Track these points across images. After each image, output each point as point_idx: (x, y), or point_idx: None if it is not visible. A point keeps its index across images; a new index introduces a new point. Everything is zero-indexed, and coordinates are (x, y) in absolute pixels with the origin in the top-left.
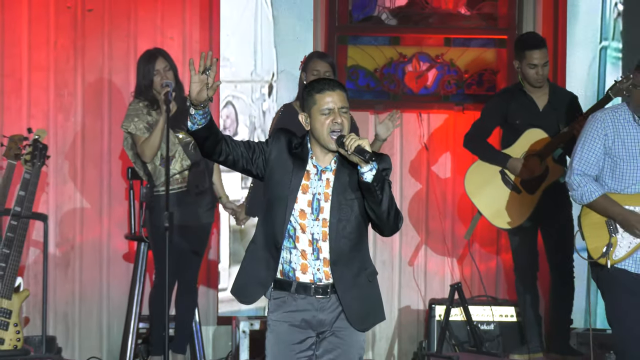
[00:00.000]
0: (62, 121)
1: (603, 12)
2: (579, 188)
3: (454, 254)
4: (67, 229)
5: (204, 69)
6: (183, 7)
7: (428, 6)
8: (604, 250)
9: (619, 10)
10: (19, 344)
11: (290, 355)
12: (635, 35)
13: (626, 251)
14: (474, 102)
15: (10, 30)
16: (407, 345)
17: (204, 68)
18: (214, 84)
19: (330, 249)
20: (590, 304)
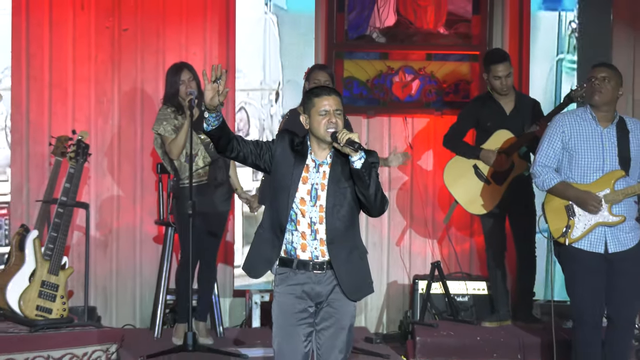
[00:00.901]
0: (102, 124)
1: (559, 29)
2: (540, 176)
3: (434, 236)
4: (106, 216)
5: (214, 79)
6: (204, 27)
7: (412, 26)
8: (564, 231)
9: (573, 27)
10: (65, 314)
11: (293, 322)
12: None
13: (581, 232)
14: (451, 108)
15: (57, 47)
16: (395, 314)
17: (214, 77)
18: (223, 90)
19: (326, 230)
20: (551, 278)
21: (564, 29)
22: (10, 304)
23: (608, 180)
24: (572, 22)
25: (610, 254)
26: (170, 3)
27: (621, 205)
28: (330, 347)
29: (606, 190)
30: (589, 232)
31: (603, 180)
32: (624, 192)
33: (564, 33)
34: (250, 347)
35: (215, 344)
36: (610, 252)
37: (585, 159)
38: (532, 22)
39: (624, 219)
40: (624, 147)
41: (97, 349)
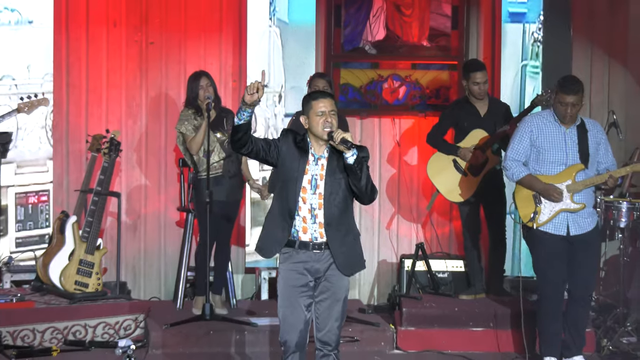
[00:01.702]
0: (131, 124)
1: (523, 39)
2: (511, 169)
3: (418, 221)
4: (135, 203)
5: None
6: (220, 41)
7: (399, 40)
8: (531, 216)
9: (535, 37)
10: (99, 288)
11: (295, 294)
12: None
13: (547, 217)
14: (433, 110)
15: (93, 58)
16: (384, 288)
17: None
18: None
19: (324, 215)
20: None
21: (527, 38)
22: (53, 279)
23: (570, 172)
24: (535, 32)
25: (571, 236)
26: (191, 20)
27: (581, 194)
28: (327, 316)
29: (568, 181)
30: (553, 218)
31: (566, 173)
32: (583, 183)
33: (527, 42)
34: (259, 317)
35: (229, 314)
36: (571, 234)
37: (551, 155)
38: (503, 32)
39: (584, 206)
40: (583, 145)
41: (127, 318)
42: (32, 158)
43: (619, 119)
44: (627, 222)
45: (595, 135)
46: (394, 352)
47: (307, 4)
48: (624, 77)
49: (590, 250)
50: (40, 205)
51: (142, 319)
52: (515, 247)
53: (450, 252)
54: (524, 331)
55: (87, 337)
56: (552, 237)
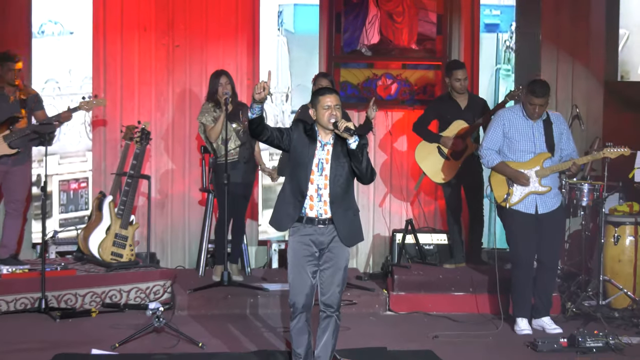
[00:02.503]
0: (160, 116)
1: (497, 46)
2: (485, 157)
3: (408, 200)
4: (163, 185)
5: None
6: (236, 45)
7: (391, 43)
8: (505, 197)
9: (507, 45)
10: (132, 258)
11: (302, 263)
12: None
13: (518, 198)
14: (420, 104)
15: (126, 59)
16: (378, 258)
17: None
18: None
19: (329, 194)
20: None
21: (500, 46)
22: (92, 250)
23: (538, 160)
24: (507, 41)
25: (539, 214)
26: (211, 26)
27: (548, 179)
28: (330, 282)
29: (537, 167)
30: (524, 199)
31: (534, 160)
32: (550, 169)
33: (500, 49)
34: (270, 283)
35: (245, 280)
36: (539, 213)
37: (521, 145)
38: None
39: (550, 189)
40: (549, 136)
41: (157, 284)
42: (73, 150)
43: (581, 113)
44: (588, 201)
45: (558, 126)
46: (386, 314)
47: (309, 16)
48: (585, 77)
49: (556, 226)
50: (80, 190)
51: (169, 284)
52: (491, 222)
53: (435, 227)
54: (499, 296)
55: (121, 300)
56: (522, 215)
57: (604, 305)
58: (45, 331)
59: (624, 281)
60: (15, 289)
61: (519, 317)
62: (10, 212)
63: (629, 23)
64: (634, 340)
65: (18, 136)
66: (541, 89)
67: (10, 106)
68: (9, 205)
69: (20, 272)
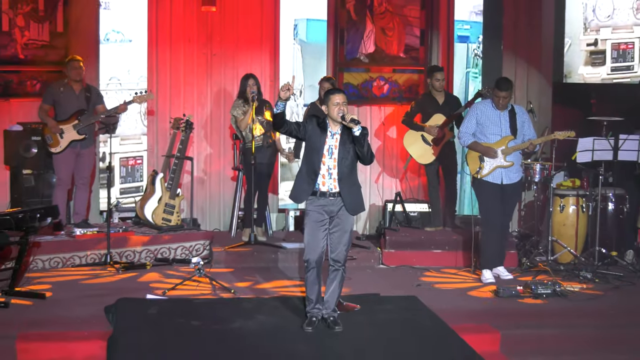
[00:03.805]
0: (200, 110)
1: (467, 54)
2: (462, 138)
3: (397, 177)
4: (203, 164)
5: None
6: (261, 53)
7: (384, 53)
8: (477, 170)
9: (475, 53)
10: (179, 222)
11: (316, 227)
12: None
13: (487, 171)
14: (407, 101)
15: (174, 64)
16: (373, 223)
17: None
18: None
19: (338, 173)
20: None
21: (470, 54)
22: (147, 216)
23: (504, 141)
24: (475, 50)
25: (504, 185)
26: (241, 38)
27: (511, 156)
28: (338, 243)
29: (503, 147)
30: (492, 172)
31: (501, 141)
32: (513, 147)
33: (470, 56)
34: (288, 242)
35: (267, 240)
36: (504, 183)
37: (490, 130)
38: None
39: (513, 164)
40: (513, 123)
41: (198, 243)
42: (130, 134)
43: (534, 107)
44: (540, 177)
45: (521, 116)
46: (380, 267)
47: (318, 29)
48: (537, 78)
49: (515, 195)
50: (136, 166)
51: (208, 243)
52: (462, 195)
53: (419, 198)
54: (473, 252)
55: (170, 255)
56: (491, 185)
57: (552, 260)
58: (110, 280)
59: (568, 241)
60: (86, 246)
61: (484, 269)
62: (80, 186)
63: (571, 33)
64: (575, 288)
65: (85, 125)
66: (505, 84)
67: (77, 99)
68: (79, 181)
69: (90, 233)
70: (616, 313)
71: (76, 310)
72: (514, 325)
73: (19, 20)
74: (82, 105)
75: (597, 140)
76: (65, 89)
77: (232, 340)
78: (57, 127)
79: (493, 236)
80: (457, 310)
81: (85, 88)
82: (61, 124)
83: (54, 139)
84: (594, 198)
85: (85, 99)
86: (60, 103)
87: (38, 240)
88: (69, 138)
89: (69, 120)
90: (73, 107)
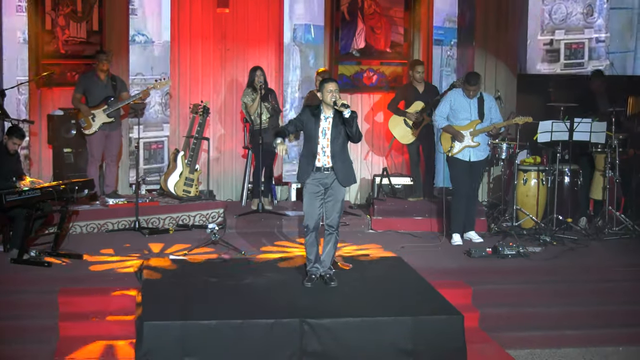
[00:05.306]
0: (216, 97)
1: (441, 55)
2: (437, 121)
3: (383, 154)
4: (218, 144)
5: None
6: (267, 49)
7: (373, 48)
8: (449, 149)
9: (449, 54)
10: (197, 193)
11: (313, 197)
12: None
13: (458, 149)
14: (392, 90)
15: (193, 59)
16: (364, 194)
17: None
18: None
19: (331, 150)
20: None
21: (444, 55)
22: (170, 188)
23: (473, 124)
24: (448, 52)
25: (472, 162)
26: (251, 36)
27: (478, 137)
28: (332, 210)
29: (471, 129)
30: (462, 150)
31: (470, 124)
32: (480, 130)
33: (444, 57)
34: (291, 210)
35: (273, 209)
36: (472, 160)
37: (461, 114)
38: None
39: (479, 144)
40: (481, 108)
41: (214, 211)
42: (153, 121)
43: (502, 95)
44: (506, 155)
45: (488, 103)
46: (369, 231)
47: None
48: (504, 70)
49: (480, 170)
50: (157, 150)
51: (222, 211)
52: (439, 169)
53: (402, 172)
54: (445, 218)
55: (189, 222)
56: (461, 161)
57: (516, 225)
58: (139, 243)
59: (530, 209)
60: (117, 214)
61: (454, 233)
62: (109, 162)
63: (530, 33)
64: (536, 250)
65: (113, 109)
66: (473, 78)
67: (105, 88)
68: (108, 158)
69: (120, 203)
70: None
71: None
72: (483, 281)
73: (60, 20)
74: (109, 93)
75: (555, 123)
76: (93, 79)
77: (244, 294)
78: (89, 111)
79: (461, 205)
80: (435, 269)
81: (111, 77)
82: (92, 109)
83: (87, 122)
84: (552, 173)
85: (112, 87)
86: (91, 91)
87: (76, 209)
88: (100, 121)
89: (99, 106)
90: (102, 95)
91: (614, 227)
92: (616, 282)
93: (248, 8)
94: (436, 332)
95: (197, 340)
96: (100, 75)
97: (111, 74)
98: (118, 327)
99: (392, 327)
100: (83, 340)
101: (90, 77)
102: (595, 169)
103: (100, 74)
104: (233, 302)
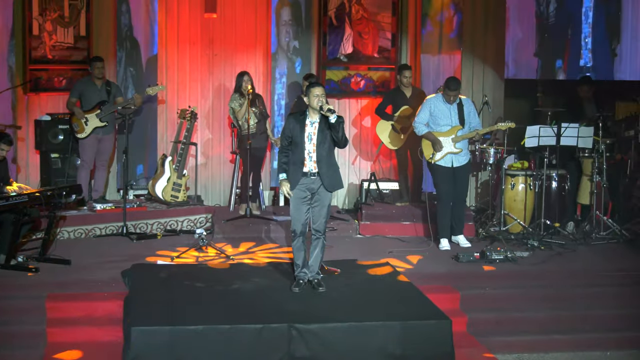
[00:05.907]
0: (203, 102)
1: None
2: (417, 128)
3: (371, 159)
4: (207, 149)
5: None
6: (255, 54)
7: (360, 53)
8: (431, 155)
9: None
10: (185, 198)
11: (300, 202)
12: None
13: (440, 156)
14: (380, 94)
15: (181, 64)
16: (352, 199)
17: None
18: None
19: (317, 155)
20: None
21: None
22: (157, 193)
23: (454, 130)
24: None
25: (454, 167)
26: (239, 42)
27: (460, 143)
28: (319, 215)
29: (452, 135)
30: (444, 157)
31: (451, 130)
32: (462, 136)
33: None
34: (278, 215)
35: (261, 214)
36: (454, 166)
37: (442, 120)
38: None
39: (461, 150)
40: (461, 114)
41: (201, 216)
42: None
43: (489, 100)
44: (494, 160)
45: (467, 107)
46: (357, 236)
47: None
48: (492, 76)
49: (465, 175)
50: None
51: (210, 216)
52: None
53: (390, 177)
54: (430, 224)
55: (177, 227)
56: (443, 168)
57: (504, 230)
58: (126, 248)
59: (518, 214)
60: (105, 219)
61: (442, 238)
62: (99, 167)
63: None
64: (524, 254)
65: (105, 113)
66: (454, 84)
67: (99, 93)
68: (99, 162)
69: (108, 208)
70: (558, 275)
71: (97, 274)
72: (471, 286)
73: (47, 25)
74: (103, 97)
75: (542, 128)
76: (89, 84)
77: (231, 299)
78: (82, 114)
79: (446, 210)
80: (423, 273)
81: (105, 83)
82: (86, 113)
83: (80, 126)
84: (539, 177)
85: (107, 92)
86: (85, 96)
87: (64, 214)
88: (93, 125)
89: (93, 110)
90: (96, 99)
91: (602, 232)
92: (604, 286)
93: (236, 13)
94: (424, 337)
95: (185, 345)
96: (95, 81)
97: (106, 80)
98: (105, 333)
99: (381, 332)
100: (70, 346)
101: (86, 82)
102: (583, 173)
103: (96, 80)
104: (221, 307)
